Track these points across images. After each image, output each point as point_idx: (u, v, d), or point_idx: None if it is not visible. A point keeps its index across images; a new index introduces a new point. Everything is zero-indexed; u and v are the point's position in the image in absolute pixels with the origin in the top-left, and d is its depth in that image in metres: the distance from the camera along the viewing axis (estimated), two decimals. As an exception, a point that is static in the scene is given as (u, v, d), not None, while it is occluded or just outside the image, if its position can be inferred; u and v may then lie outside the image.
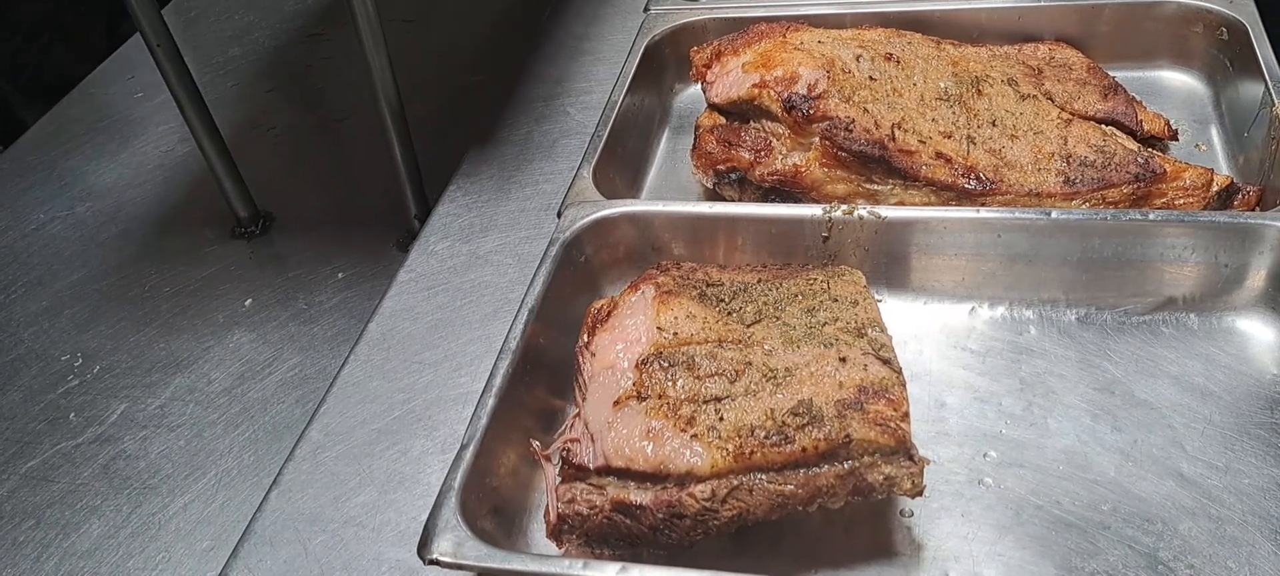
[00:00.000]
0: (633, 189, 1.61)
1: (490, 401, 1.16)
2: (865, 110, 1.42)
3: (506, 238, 1.55)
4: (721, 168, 1.47)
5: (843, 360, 1.10)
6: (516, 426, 1.20)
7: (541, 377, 1.26)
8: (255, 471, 1.49)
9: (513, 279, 1.47)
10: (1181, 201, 1.34)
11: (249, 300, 1.80)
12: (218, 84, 2.39)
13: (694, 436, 1.04)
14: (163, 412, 1.61)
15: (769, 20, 1.65)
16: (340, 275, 1.82)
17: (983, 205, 1.36)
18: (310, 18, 2.60)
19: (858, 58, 1.49)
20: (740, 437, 1.03)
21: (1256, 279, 1.26)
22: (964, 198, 1.37)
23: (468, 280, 1.48)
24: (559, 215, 1.43)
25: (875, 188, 1.41)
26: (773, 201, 1.45)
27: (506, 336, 1.24)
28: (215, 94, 2.30)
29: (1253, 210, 1.36)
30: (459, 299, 1.45)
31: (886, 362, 1.11)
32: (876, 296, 1.35)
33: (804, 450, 1.01)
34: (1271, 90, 1.41)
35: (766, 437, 1.02)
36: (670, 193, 1.62)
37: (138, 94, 2.38)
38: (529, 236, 1.54)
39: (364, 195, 2.00)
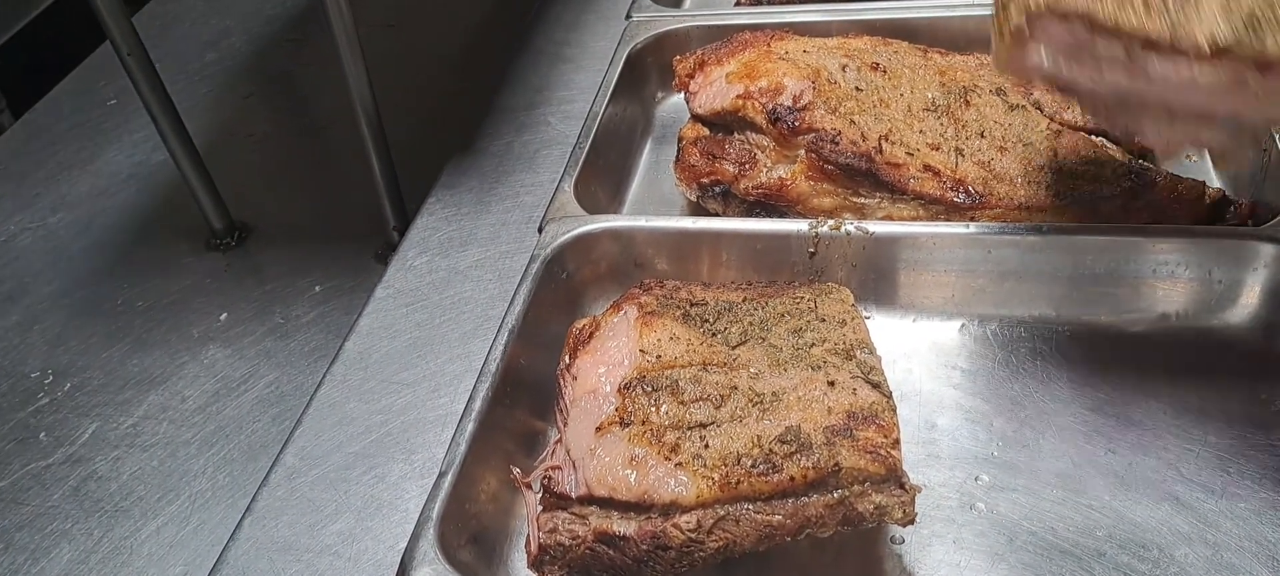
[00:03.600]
0: (615, 201, 1.58)
1: (469, 426, 1.13)
2: (852, 122, 1.39)
3: (487, 252, 1.51)
4: (705, 181, 1.44)
5: (831, 384, 1.07)
6: (497, 450, 1.17)
7: (523, 399, 1.23)
8: (230, 492, 1.45)
9: (493, 295, 1.43)
10: (1173, 214, 1.32)
11: (224, 314, 1.76)
12: (193, 91, 2.34)
13: (678, 464, 1.01)
14: (135, 431, 1.57)
15: (753, 28, 1.62)
16: (318, 288, 1.78)
17: (972, 219, 1.33)
18: (289, 23, 2.56)
19: (844, 68, 1.47)
20: (726, 466, 1.00)
21: (1251, 295, 1.24)
22: (953, 211, 1.35)
23: (447, 296, 1.45)
24: (540, 230, 1.40)
25: (862, 201, 1.38)
26: (758, 215, 1.42)
27: (486, 357, 1.21)
28: (190, 101, 2.26)
29: (1245, 222, 1.34)
30: (438, 316, 1.42)
31: (876, 386, 1.08)
32: (864, 314, 1.32)
33: (792, 479, 0.99)
34: (1263, 101, 1.39)
35: (753, 466, 0.99)
36: (654, 205, 1.59)
37: (111, 101, 2.34)
38: (509, 251, 1.50)
39: (343, 205, 1.96)
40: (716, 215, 1.46)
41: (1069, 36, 0.94)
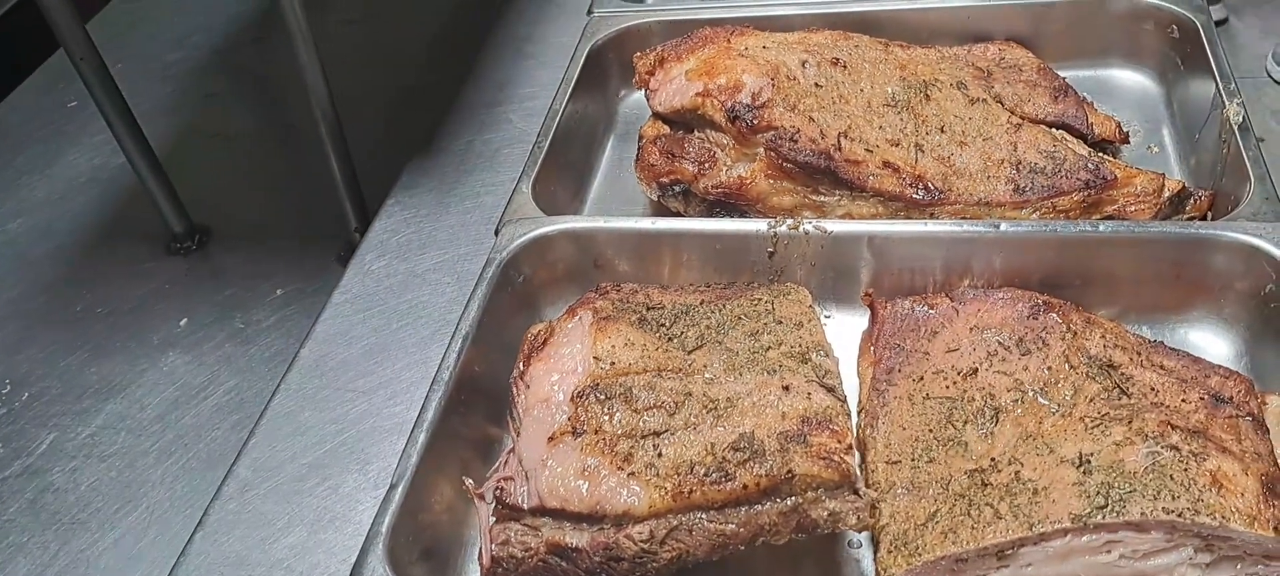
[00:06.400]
0: (576, 201, 1.57)
1: (421, 437, 1.12)
2: (811, 119, 1.38)
3: (445, 255, 1.50)
4: (665, 180, 1.43)
5: (786, 388, 1.06)
6: (452, 458, 1.16)
7: (479, 405, 1.22)
8: (188, 503, 1.44)
9: (451, 299, 1.42)
10: (1133, 208, 1.31)
11: (184, 320, 1.74)
12: (156, 91, 2.31)
13: (631, 474, 1.00)
14: (93, 441, 1.56)
15: (715, 23, 1.60)
16: (279, 292, 1.77)
17: (931, 215, 1.33)
18: (251, 22, 2.53)
19: (804, 63, 1.45)
20: (679, 475, 0.99)
21: (1208, 291, 1.23)
22: (912, 208, 1.34)
23: (404, 301, 1.43)
24: (496, 232, 1.38)
25: (822, 199, 1.37)
26: (719, 214, 1.41)
27: (439, 366, 1.20)
28: (153, 102, 2.23)
29: (1205, 215, 1.33)
30: (395, 321, 1.40)
31: (830, 390, 1.07)
32: (824, 313, 1.32)
33: (745, 487, 0.97)
34: (1222, 92, 1.38)
35: (706, 475, 0.98)
36: (616, 203, 1.57)
37: (71, 103, 2.31)
38: (468, 253, 1.49)
39: (305, 206, 1.94)
40: (678, 214, 1.44)
41: None
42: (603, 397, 1.06)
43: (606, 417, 1.05)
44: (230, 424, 1.55)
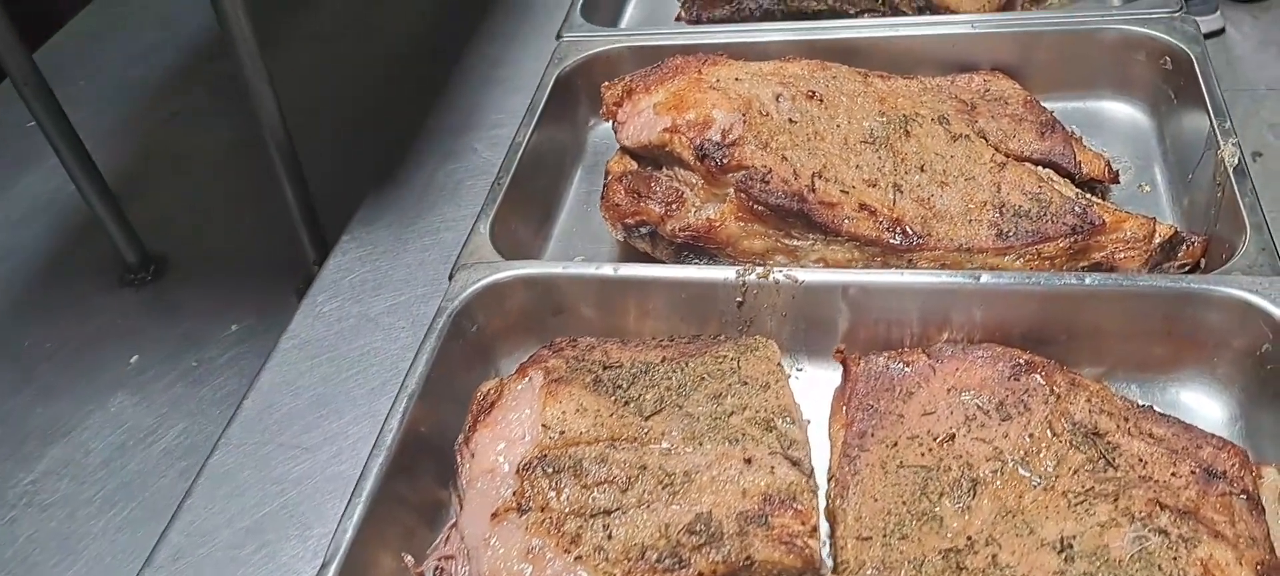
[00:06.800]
0: (539, 238, 1.49)
1: (358, 508, 1.05)
2: (783, 158, 1.31)
3: (401, 296, 1.43)
4: (630, 221, 1.36)
5: (748, 461, 0.99)
6: (395, 525, 1.09)
7: (426, 466, 1.15)
8: (130, 556, 1.36)
9: (404, 345, 1.34)
10: (1122, 255, 1.24)
11: (135, 357, 1.67)
12: (115, 110, 2.24)
13: (578, 558, 0.93)
14: (35, 489, 1.48)
15: (687, 50, 1.53)
16: (234, 327, 1.69)
17: (910, 262, 1.25)
18: (217, 37, 2.44)
19: (777, 97, 1.38)
20: (629, 560, 0.92)
21: (1201, 348, 1.16)
22: (889, 253, 1.27)
23: (355, 348, 1.36)
24: (450, 277, 1.31)
25: (795, 243, 1.30)
26: (687, 257, 1.34)
27: (382, 428, 1.12)
28: (110, 122, 2.16)
29: (1198, 261, 1.26)
30: (345, 370, 1.33)
31: (796, 464, 1.00)
32: (795, 366, 1.25)
33: (700, 575, 0.90)
34: (1216, 131, 1.31)
35: (658, 561, 0.91)
36: (583, 240, 1.50)
37: (29, 123, 2.22)
38: (425, 294, 1.42)
39: (265, 234, 1.86)
40: (645, 253, 1.37)
41: None
42: (550, 471, 0.99)
43: (553, 493, 0.98)
44: (178, 470, 1.47)
